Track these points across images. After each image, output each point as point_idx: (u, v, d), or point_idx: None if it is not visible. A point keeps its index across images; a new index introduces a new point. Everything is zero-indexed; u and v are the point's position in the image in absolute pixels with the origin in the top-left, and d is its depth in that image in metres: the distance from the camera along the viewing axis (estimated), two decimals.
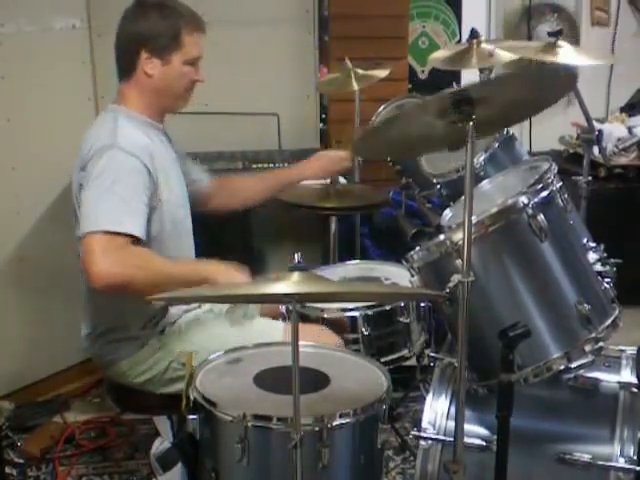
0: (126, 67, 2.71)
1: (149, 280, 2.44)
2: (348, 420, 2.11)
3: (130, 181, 2.52)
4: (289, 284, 1.87)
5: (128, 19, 2.71)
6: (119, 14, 2.73)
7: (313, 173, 3.31)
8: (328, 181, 3.48)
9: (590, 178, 3.43)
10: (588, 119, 3.39)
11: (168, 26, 2.65)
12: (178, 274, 2.53)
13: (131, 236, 2.45)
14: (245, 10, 4.21)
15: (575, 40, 5.23)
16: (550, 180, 2.31)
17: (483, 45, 3.44)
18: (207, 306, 2.86)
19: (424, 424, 2.41)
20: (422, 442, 2.40)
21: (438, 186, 3.21)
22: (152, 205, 2.59)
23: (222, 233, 3.07)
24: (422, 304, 2.82)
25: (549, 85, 2.18)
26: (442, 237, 2.31)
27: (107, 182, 2.49)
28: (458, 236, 2.20)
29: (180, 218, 2.75)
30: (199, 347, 2.55)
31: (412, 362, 2.91)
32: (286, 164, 4.17)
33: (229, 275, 2.52)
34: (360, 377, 2.33)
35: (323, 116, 4.54)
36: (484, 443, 2.33)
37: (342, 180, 3.70)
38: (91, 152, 2.56)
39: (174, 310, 2.73)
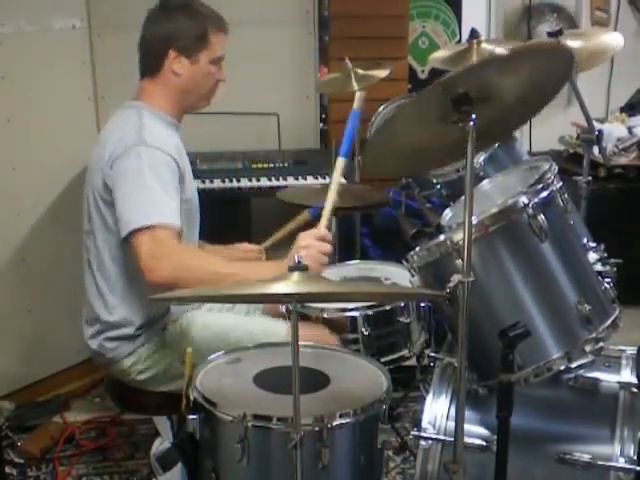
0: (152, 66, 2.73)
1: (201, 282, 2.43)
2: (348, 420, 2.11)
3: (163, 176, 2.55)
4: (289, 284, 1.87)
5: (155, 19, 2.74)
6: (119, 14, 2.75)
7: None
8: (328, 181, 3.47)
9: (590, 178, 3.43)
10: (588, 119, 3.39)
11: (196, 26, 2.70)
12: (229, 276, 2.50)
13: (175, 229, 2.49)
14: (245, 10, 4.21)
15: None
16: (550, 180, 2.31)
17: (483, 45, 3.45)
18: (208, 304, 2.87)
19: (424, 424, 2.41)
20: (422, 442, 2.40)
21: (438, 186, 3.21)
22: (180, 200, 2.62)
23: (221, 233, 3.06)
24: (422, 304, 2.82)
25: (546, 69, 2.13)
26: (442, 237, 2.31)
27: (140, 179, 2.51)
28: (458, 236, 2.20)
29: (194, 218, 2.79)
30: (200, 345, 2.56)
31: (412, 362, 2.91)
32: (286, 164, 4.18)
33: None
34: (360, 377, 2.33)
35: (323, 116, 4.55)
36: (484, 443, 2.33)
37: (342, 180, 3.69)
38: (118, 150, 2.57)
39: (176, 308, 2.74)
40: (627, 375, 2.41)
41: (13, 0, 3.66)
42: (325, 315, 2.72)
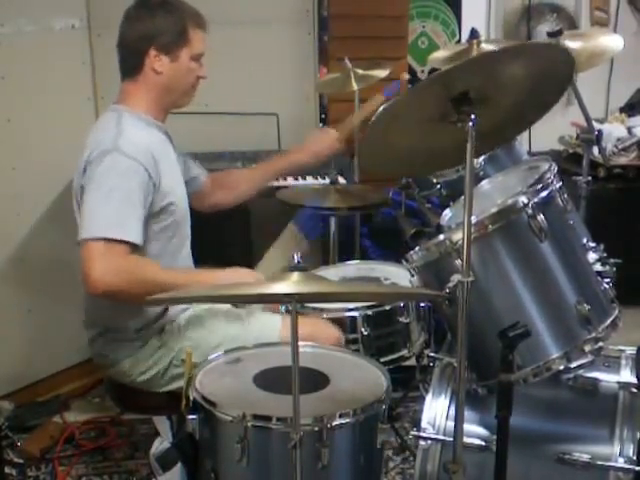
0: (132, 66, 2.71)
1: (145, 290, 2.39)
2: (348, 420, 2.11)
3: (130, 186, 2.51)
4: (289, 284, 1.87)
5: (133, 18, 2.71)
6: (119, 14, 2.73)
7: (306, 158, 3.27)
8: (328, 181, 3.48)
9: (590, 178, 3.43)
10: (588, 119, 3.39)
11: (174, 22, 2.67)
12: (173, 285, 2.49)
13: (128, 243, 2.46)
14: (244, 10, 4.21)
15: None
16: (550, 180, 2.31)
17: (483, 45, 3.45)
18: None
19: (424, 424, 2.41)
20: (422, 442, 2.40)
21: (438, 186, 3.21)
22: (155, 208, 2.60)
23: (222, 233, 3.07)
24: (422, 304, 2.82)
25: (545, 71, 2.13)
26: (442, 237, 2.32)
27: (106, 188, 2.50)
28: (458, 236, 2.20)
29: (181, 220, 2.75)
30: (199, 343, 2.57)
31: (412, 362, 2.91)
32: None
33: (233, 279, 2.57)
34: (360, 377, 2.33)
35: (323, 116, 4.54)
36: (484, 443, 2.33)
37: (342, 180, 3.70)
38: (92, 155, 2.56)
39: (173, 308, 2.73)
40: (627, 375, 2.41)
41: (13, 0, 3.66)
42: (325, 315, 2.73)
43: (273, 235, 3.79)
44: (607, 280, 2.44)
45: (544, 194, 2.27)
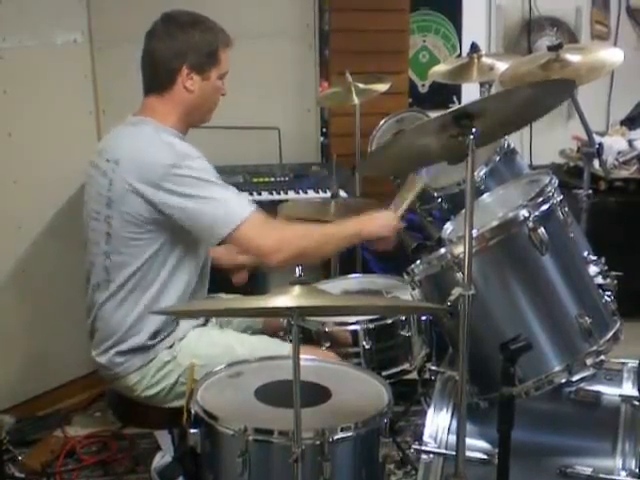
0: (162, 82, 2.70)
1: (316, 244, 2.71)
2: (349, 434, 2.10)
3: (214, 174, 2.64)
4: (290, 298, 1.87)
5: (163, 35, 2.70)
6: (120, 29, 2.75)
7: None
8: (329, 195, 3.48)
9: (590, 191, 3.44)
10: (588, 132, 3.40)
11: (207, 42, 2.70)
12: (337, 232, 2.79)
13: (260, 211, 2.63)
14: (246, 25, 4.22)
15: None
16: (551, 193, 2.31)
17: (483, 59, 3.46)
18: (213, 320, 2.86)
19: (425, 438, 2.40)
20: (423, 456, 2.40)
21: (439, 199, 3.21)
22: None
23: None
24: (423, 317, 2.82)
25: (548, 94, 2.18)
26: (443, 250, 2.32)
27: (210, 183, 2.60)
28: (459, 249, 2.20)
29: None
30: (207, 361, 2.55)
31: (413, 376, 2.91)
32: (287, 178, 4.19)
33: (371, 224, 2.83)
34: (361, 391, 2.33)
35: (324, 130, 4.56)
36: (485, 457, 2.33)
37: (342, 194, 3.70)
38: (161, 170, 2.56)
39: (184, 325, 2.73)
40: (628, 388, 2.41)
41: (15, 15, 3.68)
42: (326, 329, 2.72)
43: None
44: (608, 293, 2.44)
45: (545, 207, 2.27)
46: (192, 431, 2.20)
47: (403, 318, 2.75)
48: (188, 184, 2.56)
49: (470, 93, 4.49)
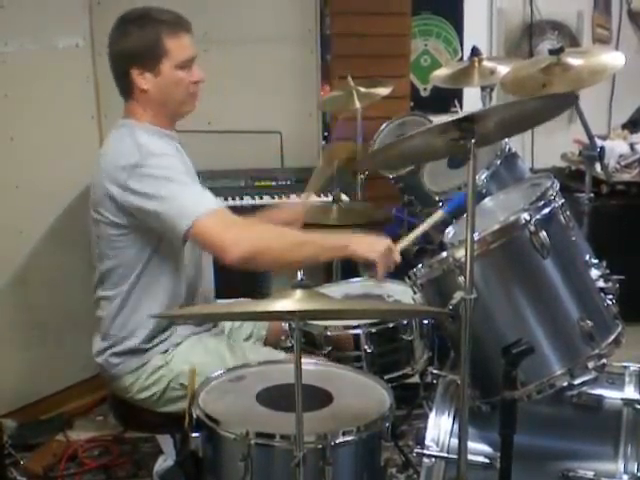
0: (123, 88, 2.70)
1: (281, 245, 2.51)
2: (351, 438, 2.10)
3: (182, 171, 2.58)
4: (292, 301, 1.87)
5: (113, 40, 2.68)
6: None
7: None
8: (330, 199, 3.48)
9: (592, 195, 3.44)
10: (590, 136, 3.40)
11: (147, 36, 2.61)
12: (307, 241, 2.58)
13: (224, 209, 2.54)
14: (247, 29, 4.24)
15: None
16: (552, 197, 2.31)
17: (484, 63, 3.47)
18: (213, 330, 2.86)
19: (427, 442, 2.40)
20: (425, 460, 2.39)
21: (440, 203, 3.21)
22: None
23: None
24: (425, 321, 2.82)
25: (550, 106, 2.20)
26: (445, 254, 2.32)
27: (169, 181, 2.52)
28: (460, 253, 2.20)
29: None
30: (200, 370, 2.51)
31: (415, 379, 2.90)
32: (288, 182, 4.19)
33: (363, 245, 2.60)
34: (363, 395, 2.33)
35: (326, 134, 4.56)
36: (487, 460, 2.32)
37: (344, 197, 3.70)
38: (125, 172, 2.54)
39: (182, 331, 2.73)
40: (630, 392, 2.41)
41: (16, 19, 3.68)
42: (328, 333, 2.72)
43: None
44: (610, 296, 2.44)
45: (546, 211, 2.27)
46: (194, 435, 2.20)
47: (405, 322, 2.74)
48: (147, 183, 2.52)
49: (471, 97, 4.50)
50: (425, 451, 2.39)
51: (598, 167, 3.81)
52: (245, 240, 2.45)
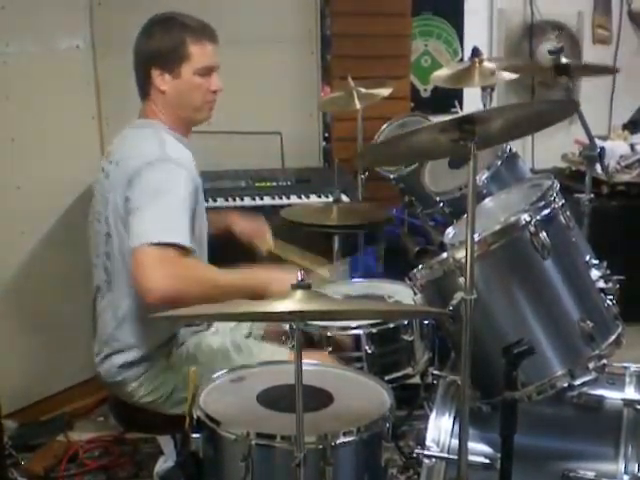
0: (143, 87, 2.73)
1: (202, 293, 2.45)
2: (352, 438, 2.10)
3: (180, 193, 2.52)
4: (292, 302, 1.87)
5: (138, 40, 2.72)
6: (122, 35, 2.76)
7: (237, 231, 3.23)
8: (331, 199, 3.49)
9: (592, 195, 3.44)
10: (590, 137, 3.40)
11: (171, 39, 2.65)
12: (229, 285, 2.54)
13: (181, 247, 2.45)
14: (248, 30, 4.24)
15: (577, 58, 5.24)
16: (552, 197, 2.31)
17: (485, 63, 3.47)
18: (214, 328, 2.86)
19: (428, 442, 2.40)
20: (426, 460, 2.40)
21: (441, 204, 3.21)
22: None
23: (224, 252, 3.06)
24: (426, 322, 2.82)
25: (550, 112, 2.21)
26: (445, 255, 2.32)
27: (159, 194, 2.49)
28: (461, 254, 2.20)
29: (204, 233, 2.77)
30: (205, 370, 2.52)
31: (416, 380, 2.91)
32: (289, 182, 4.20)
33: (282, 284, 2.49)
34: (363, 395, 2.33)
35: (326, 135, 4.56)
36: (488, 461, 2.32)
37: (345, 198, 3.71)
38: (141, 166, 2.54)
39: (183, 331, 2.73)
40: (631, 392, 2.41)
41: (17, 20, 3.68)
42: (328, 333, 2.72)
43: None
44: (610, 297, 2.44)
45: (546, 211, 2.28)
46: (194, 436, 2.20)
47: (405, 322, 2.75)
48: (151, 181, 2.52)
49: (472, 97, 4.50)
50: (425, 452, 2.39)
51: (598, 168, 3.81)
52: (167, 285, 2.39)
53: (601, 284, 2.44)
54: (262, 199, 4.11)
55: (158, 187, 2.51)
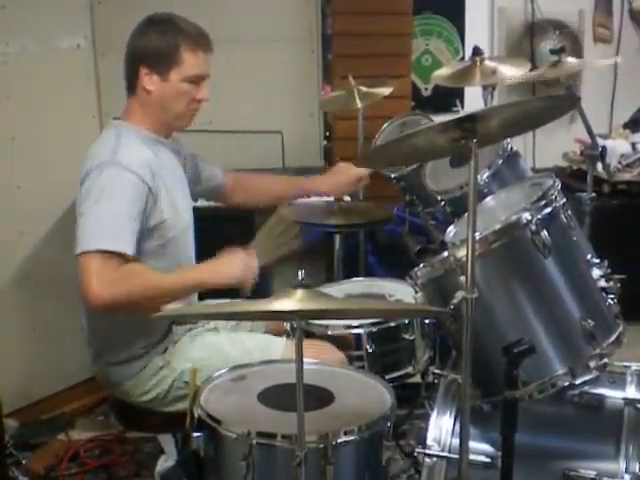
0: (129, 82, 2.72)
1: (145, 298, 2.44)
2: (352, 437, 2.10)
3: (125, 198, 2.51)
4: (293, 301, 1.87)
5: (133, 36, 2.71)
6: (123, 33, 2.74)
7: (328, 189, 3.32)
8: (332, 198, 3.48)
9: (594, 194, 3.44)
10: (591, 135, 3.40)
11: (166, 42, 2.63)
12: (170, 285, 2.53)
13: (124, 255, 2.45)
14: (249, 29, 4.24)
15: (578, 57, 5.24)
16: (553, 196, 2.31)
17: (486, 62, 3.46)
18: (210, 324, 2.86)
19: (429, 441, 2.40)
20: (427, 459, 2.40)
21: (442, 203, 3.21)
22: (150, 223, 2.59)
23: (223, 241, 3.06)
24: (426, 321, 2.82)
25: (551, 108, 2.20)
26: (446, 254, 2.32)
27: (103, 200, 2.48)
28: (462, 252, 2.20)
29: (181, 235, 2.73)
30: (201, 365, 2.54)
31: (417, 379, 2.91)
32: None
33: (220, 275, 2.57)
34: (364, 394, 2.33)
35: (327, 134, 4.56)
36: (489, 460, 2.33)
37: (346, 197, 3.70)
38: (90, 168, 2.55)
39: (177, 328, 2.73)
40: (632, 391, 2.41)
41: (18, 19, 3.68)
42: (329, 332, 2.72)
43: None
44: (611, 296, 2.44)
45: (548, 210, 2.28)
46: (195, 435, 2.20)
47: (406, 321, 2.75)
48: (95, 186, 2.51)
49: (473, 96, 4.49)
50: (426, 451, 2.39)
51: (599, 166, 3.81)
52: (108, 293, 2.39)
53: (602, 283, 2.44)
54: None
55: (101, 192, 2.50)
